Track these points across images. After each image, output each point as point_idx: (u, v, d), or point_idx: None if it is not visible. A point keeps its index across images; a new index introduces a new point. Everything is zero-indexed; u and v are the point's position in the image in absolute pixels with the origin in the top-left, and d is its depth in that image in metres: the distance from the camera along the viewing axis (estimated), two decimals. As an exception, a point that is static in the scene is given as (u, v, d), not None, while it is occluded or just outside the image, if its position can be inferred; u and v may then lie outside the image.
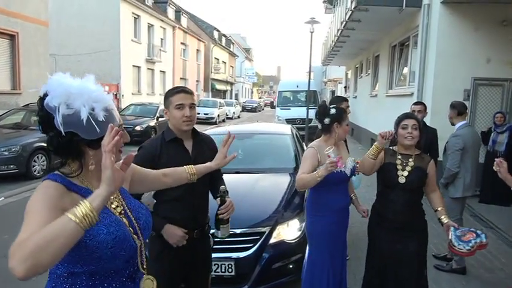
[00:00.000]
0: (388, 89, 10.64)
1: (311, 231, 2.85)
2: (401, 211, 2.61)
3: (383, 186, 2.71)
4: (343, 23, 10.04)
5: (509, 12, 6.57)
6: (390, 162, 2.65)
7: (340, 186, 2.76)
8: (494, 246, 4.77)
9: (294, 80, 19.56)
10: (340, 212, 2.77)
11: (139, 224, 1.37)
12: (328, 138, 2.77)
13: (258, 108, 42.08)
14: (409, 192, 2.62)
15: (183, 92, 2.22)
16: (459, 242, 2.35)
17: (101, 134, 1.20)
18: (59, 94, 1.19)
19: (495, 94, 6.88)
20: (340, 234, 2.84)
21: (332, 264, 2.76)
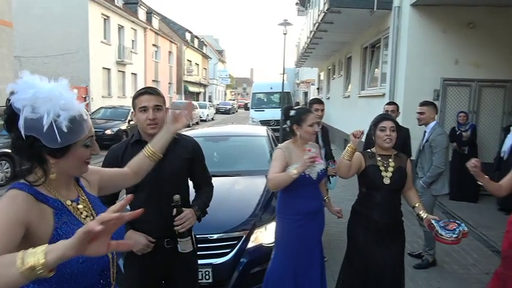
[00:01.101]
0: (360, 90, 10.81)
1: (278, 234, 2.81)
2: (387, 212, 2.63)
3: (367, 188, 2.69)
4: (315, 24, 10.12)
5: (475, 14, 6.79)
6: (372, 164, 2.65)
7: (308, 190, 2.70)
8: (466, 243, 4.87)
9: (268, 81, 19.61)
10: (309, 216, 2.70)
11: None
12: (295, 140, 2.77)
13: (232, 110, 41.99)
14: (393, 193, 2.65)
15: (146, 94, 2.12)
16: (446, 231, 2.41)
17: (63, 143, 1.14)
18: (25, 96, 1.11)
19: (463, 94, 7.10)
20: (310, 239, 2.74)
21: (297, 268, 2.70)
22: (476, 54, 6.90)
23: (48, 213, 1.17)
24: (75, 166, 1.23)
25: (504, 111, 7.09)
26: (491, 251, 4.66)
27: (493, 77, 6.95)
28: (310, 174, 2.65)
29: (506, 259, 2.43)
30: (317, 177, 2.70)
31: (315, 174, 2.69)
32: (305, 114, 2.73)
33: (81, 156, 1.23)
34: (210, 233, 3.10)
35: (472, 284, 3.74)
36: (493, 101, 7.10)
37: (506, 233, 2.45)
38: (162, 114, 2.12)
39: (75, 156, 1.21)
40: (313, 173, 2.68)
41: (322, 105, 4.20)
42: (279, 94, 16.77)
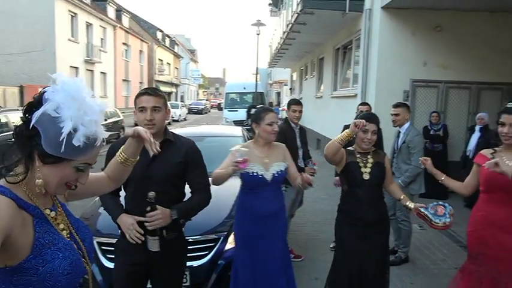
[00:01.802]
0: (332, 91, 10.97)
1: (236, 234, 2.81)
2: (370, 207, 2.68)
3: (349, 185, 2.73)
4: (289, 25, 10.19)
5: (442, 18, 7.03)
6: (352, 161, 2.69)
7: (263, 191, 2.67)
8: (436, 239, 5.05)
9: (241, 81, 19.61)
10: (264, 218, 2.68)
11: (85, 245, 1.24)
12: (256, 139, 2.78)
13: (205, 110, 41.66)
14: (374, 188, 2.70)
15: (146, 95, 2.14)
16: (438, 218, 2.49)
17: (62, 154, 1.05)
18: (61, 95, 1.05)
19: (431, 95, 7.34)
20: (268, 240, 2.71)
21: (258, 269, 2.70)
22: (444, 56, 7.16)
23: (28, 221, 1.09)
24: (55, 182, 1.12)
25: (469, 111, 7.39)
26: (459, 246, 4.82)
27: (459, 78, 7.24)
28: (264, 175, 2.64)
29: (478, 256, 2.50)
30: (272, 178, 2.67)
31: (270, 175, 2.66)
32: (264, 113, 2.73)
33: (66, 176, 1.12)
34: (187, 236, 3.05)
35: (443, 279, 3.86)
36: (459, 101, 7.39)
37: (472, 232, 2.53)
38: (161, 115, 2.14)
39: (61, 173, 1.10)
40: (268, 174, 2.66)
41: (300, 106, 4.23)
42: (252, 94, 16.82)
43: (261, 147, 2.76)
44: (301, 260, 4.31)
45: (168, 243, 2.16)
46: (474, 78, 7.23)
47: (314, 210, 6.02)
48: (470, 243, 2.58)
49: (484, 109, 6.98)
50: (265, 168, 2.68)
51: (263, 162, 2.70)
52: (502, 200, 2.37)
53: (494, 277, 2.38)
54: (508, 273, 2.34)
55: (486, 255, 2.43)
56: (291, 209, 4.39)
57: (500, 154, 2.42)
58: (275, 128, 2.71)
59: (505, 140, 2.36)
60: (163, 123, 2.19)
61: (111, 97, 27.97)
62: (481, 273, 2.45)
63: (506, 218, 2.35)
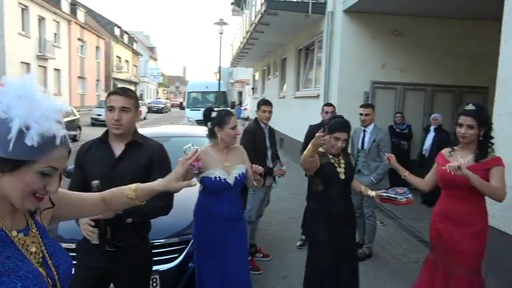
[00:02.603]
0: (295, 91, 11.15)
1: (196, 239, 2.78)
2: (343, 204, 2.79)
3: (325, 185, 2.78)
4: (252, 25, 10.23)
5: (400, 23, 7.35)
6: (327, 162, 2.75)
7: (226, 196, 2.66)
8: (396, 235, 5.28)
9: (203, 80, 19.44)
10: (225, 221, 2.67)
11: (58, 273, 1.10)
12: (215, 143, 2.74)
13: (165, 109, 40.88)
14: (347, 186, 2.83)
15: (115, 94, 2.09)
16: (399, 196, 2.67)
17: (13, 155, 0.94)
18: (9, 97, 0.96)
19: (389, 96, 7.65)
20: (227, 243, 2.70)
21: (220, 272, 2.69)
22: (401, 59, 7.49)
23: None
24: (18, 193, 0.99)
25: (424, 112, 7.78)
26: (418, 241, 5.07)
27: (416, 81, 7.60)
28: (226, 179, 2.62)
29: (435, 248, 2.69)
30: (235, 182, 2.65)
31: (232, 179, 2.64)
32: (227, 117, 2.70)
33: (29, 184, 0.99)
34: (154, 239, 2.99)
35: (404, 273, 4.05)
36: (415, 103, 7.76)
37: (432, 224, 2.70)
38: (129, 116, 2.09)
39: (22, 180, 0.98)
40: (230, 178, 2.64)
41: (270, 106, 4.26)
42: (215, 93, 16.72)
43: (220, 151, 2.72)
44: (269, 259, 4.34)
45: (131, 248, 2.10)
46: (429, 81, 7.62)
47: (280, 209, 6.10)
48: (430, 235, 2.76)
49: (438, 110, 7.38)
50: (227, 172, 2.65)
51: (224, 166, 2.65)
52: (457, 196, 2.52)
53: (446, 267, 2.55)
54: (457, 264, 2.50)
55: (441, 246, 2.60)
56: (259, 209, 4.42)
57: (457, 153, 2.59)
58: (238, 132, 2.71)
59: (461, 139, 2.51)
60: (131, 125, 2.13)
61: (66, 95, 26.73)
62: (437, 263, 2.62)
63: (458, 213, 2.52)
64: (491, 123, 2.52)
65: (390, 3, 6.74)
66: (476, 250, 2.50)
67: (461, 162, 2.30)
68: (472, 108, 2.46)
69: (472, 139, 2.47)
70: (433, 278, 2.60)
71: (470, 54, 7.36)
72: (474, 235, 2.48)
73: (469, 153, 2.51)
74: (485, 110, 2.54)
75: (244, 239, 2.90)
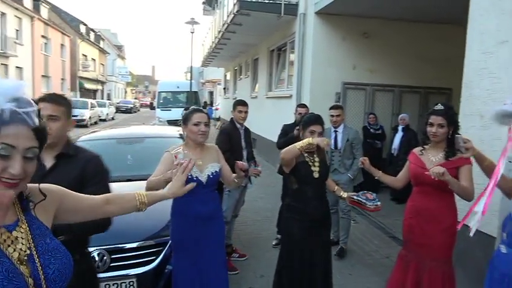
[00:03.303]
0: (267, 91, 11.21)
1: (172, 239, 2.77)
2: (318, 203, 2.83)
3: (300, 183, 2.82)
4: (224, 25, 10.21)
5: (369, 25, 7.56)
6: (302, 161, 2.79)
7: (199, 194, 2.63)
8: (368, 231, 5.43)
9: (174, 80, 19.18)
10: (200, 220, 2.67)
11: (46, 273, 1.05)
12: (187, 142, 2.77)
13: (134, 109, 40.06)
14: (322, 185, 2.86)
15: (43, 101, 1.89)
16: (369, 201, 2.74)
17: None
18: None
19: (360, 97, 7.85)
20: (204, 242, 2.71)
21: (198, 271, 2.70)
22: (371, 61, 7.70)
23: None
24: None
25: (393, 112, 8.04)
26: (389, 237, 5.24)
27: (384, 82, 7.84)
28: (198, 177, 2.62)
29: (407, 243, 2.79)
30: (207, 180, 2.66)
31: (205, 177, 2.65)
32: (191, 113, 2.71)
33: None
34: (128, 242, 2.95)
35: (377, 268, 4.18)
36: (384, 103, 8.00)
37: (404, 221, 2.80)
38: (58, 126, 1.91)
39: None
40: (203, 176, 2.64)
41: (246, 107, 4.28)
42: (186, 93, 16.56)
43: (193, 150, 2.72)
44: (245, 258, 4.37)
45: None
46: (397, 82, 7.88)
47: (254, 209, 6.13)
48: (403, 231, 2.85)
49: (406, 110, 7.65)
50: (200, 171, 2.65)
51: (197, 164, 2.64)
52: (428, 193, 2.63)
53: (419, 261, 2.65)
54: (430, 258, 2.61)
55: (413, 241, 2.70)
56: (235, 209, 4.43)
57: (428, 151, 2.70)
58: (202, 128, 2.66)
59: (433, 138, 2.63)
60: (61, 134, 1.97)
61: (29, 94, 25.56)
62: (409, 257, 2.72)
63: (430, 208, 2.62)
64: (458, 122, 2.64)
65: (359, 6, 6.92)
66: (447, 244, 2.62)
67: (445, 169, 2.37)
68: (442, 108, 2.58)
69: (443, 138, 2.59)
70: (406, 271, 2.70)
71: (435, 56, 7.66)
72: (445, 230, 2.59)
73: (440, 152, 2.63)
74: (453, 109, 2.66)
75: (221, 238, 2.90)
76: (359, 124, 7.53)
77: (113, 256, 2.85)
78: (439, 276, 2.59)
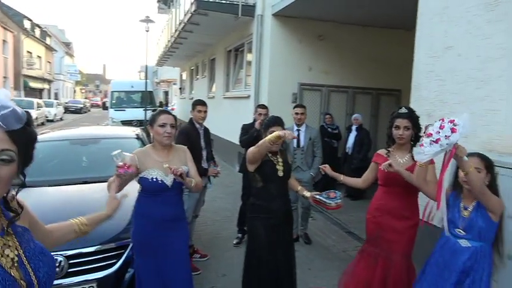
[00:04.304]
0: (225, 91, 11.21)
1: (134, 241, 2.75)
2: (282, 201, 2.90)
3: (265, 182, 2.86)
4: (181, 24, 10.08)
5: (324, 28, 7.80)
6: (267, 160, 2.84)
7: (164, 197, 2.64)
8: (325, 227, 5.61)
9: (128, 80, 18.62)
10: (164, 223, 2.65)
11: (37, 276, 1.08)
12: (154, 143, 2.75)
13: (84, 110, 38.38)
14: (285, 183, 2.94)
15: None
16: (330, 200, 2.83)
17: None
18: None
19: (316, 97, 8.08)
20: (168, 244, 2.70)
21: (161, 273, 2.69)
22: (326, 63, 7.96)
23: None
24: None
25: (347, 112, 8.35)
26: (345, 232, 5.45)
27: (339, 83, 8.13)
28: (164, 180, 2.61)
29: (375, 240, 2.90)
30: (173, 183, 2.64)
31: (170, 180, 2.63)
32: (158, 115, 2.71)
33: None
34: (86, 246, 2.86)
35: (335, 262, 4.34)
36: (339, 104, 8.29)
37: (372, 218, 2.94)
38: None
39: None
40: (168, 180, 2.63)
41: (205, 106, 4.27)
42: (141, 93, 16.15)
43: (160, 151, 2.69)
44: (207, 258, 4.36)
45: None
46: (350, 84, 8.21)
47: (214, 209, 6.12)
48: (369, 228, 2.97)
49: (359, 111, 7.97)
50: (165, 173, 2.62)
51: (162, 167, 2.62)
52: (396, 193, 2.79)
53: (387, 256, 2.81)
54: (398, 252, 2.78)
55: (382, 237, 2.84)
56: (195, 210, 4.41)
57: (394, 153, 2.84)
58: (167, 130, 2.64)
59: (399, 140, 2.77)
60: None
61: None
62: (377, 253, 2.86)
63: (398, 207, 2.79)
64: (420, 125, 2.78)
65: (314, 10, 7.12)
66: (411, 240, 2.80)
67: (391, 161, 2.53)
68: (406, 111, 2.74)
69: (408, 140, 2.75)
70: (373, 266, 2.84)
71: (386, 59, 8.06)
72: (412, 226, 2.78)
73: (406, 153, 2.78)
74: (415, 112, 2.80)
75: (185, 239, 2.88)
76: (315, 124, 7.72)
77: (71, 261, 2.75)
78: (405, 271, 2.77)
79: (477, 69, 3.20)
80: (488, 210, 2.21)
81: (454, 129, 2.02)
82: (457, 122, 2.03)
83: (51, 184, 3.75)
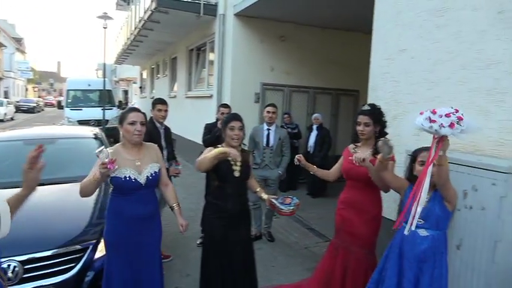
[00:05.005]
0: (187, 91, 11.10)
1: (107, 240, 2.71)
2: (238, 201, 2.92)
3: (220, 181, 2.88)
4: (141, 22, 9.86)
5: (285, 29, 7.92)
6: (224, 160, 2.82)
7: (136, 195, 2.63)
8: (288, 225, 5.71)
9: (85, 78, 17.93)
10: (137, 221, 2.64)
11: None
12: (124, 142, 2.73)
13: (37, 109, 36.56)
14: (242, 184, 2.95)
15: None
16: (284, 206, 2.87)
17: None
18: None
19: (278, 97, 8.18)
20: (141, 243, 2.69)
21: (133, 272, 2.67)
22: (287, 63, 8.09)
23: None
24: None
25: (308, 112, 8.52)
26: (306, 228, 5.58)
27: (300, 83, 8.29)
28: (137, 178, 2.60)
29: (339, 232, 3.03)
30: (146, 181, 2.64)
31: (143, 178, 2.63)
32: (127, 113, 2.70)
33: None
34: (42, 250, 2.77)
35: (297, 259, 4.44)
36: (300, 103, 8.46)
37: (337, 211, 3.05)
38: None
39: None
40: (141, 178, 2.62)
41: (165, 105, 4.23)
42: (99, 92, 15.61)
43: (131, 150, 2.67)
44: (170, 259, 4.32)
45: None
46: (311, 84, 8.39)
47: (177, 209, 6.04)
48: (335, 220, 3.08)
49: (319, 110, 8.17)
50: (138, 172, 2.61)
51: (135, 165, 2.62)
52: (359, 187, 2.90)
53: (347, 247, 2.93)
54: (357, 245, 2.90)
55: (343, 230, 2.96)
56: (158, 210, 4.35)
57: (359, 149, 2.96)
58: (137, 128, 2.61)
59: (361, 136, 2.89)
60: None
61: None
62: (338, 244, 2.98)
63: (360, 201, 2.90)
64: (384, 121, 2.90)
65: (275, 10, 7.22)
66: (372, 233, 2.92)
67: (366, 155, 2.63)
68: (368, 108, 2.86)
69: (370, 135, 2.86)
70: (335, 257, 2.96)
71: (345, 61, 8.32)
72: (371, 220, 2.90)
73: (369, 149, 2.89)
74: (379, 109, 2.92)
75: (158, 238, 2.86)
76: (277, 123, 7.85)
77: (26, 266, 2.65)
78: (364, 263, 2.89)
79: (428, 71, 3.39)
80: (446, 200, 2.35)
81: (452, 125, 2.01)
82: (462, 123, 2.01)
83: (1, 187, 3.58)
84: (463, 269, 2.59)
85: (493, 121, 2.83)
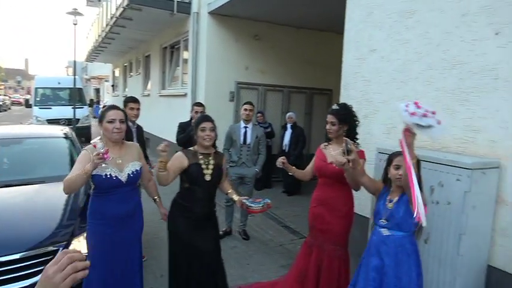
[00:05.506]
0: (161, 89, 10.96)
1: (90, 242, 2.69)
2: (207, 204, 2.91)
3: (190, 184, 2.84)
4: (113, 19, 9.65)
5: (259, 28, 7.96)
6: (195, 163, 2.81)
7: (118, 193, 2.63)
8: (263, 222, 5.74)
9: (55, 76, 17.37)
10: (119, 220, 2.64)
11: None
12: (105, 140, 2.72)
13: (4, 107, 35.18)
14: (212, 187, 2.93)
15: None
16: (254, 204, 2.89)
17: None
18: None
19: (253, 96, 8.19)
20: (124, 243, 2.69)
21: (112, 271, 2.67)
22: (262, 62, 8.12)
23: None
24: None
25: (282, 111, 8.59)
26: (281, 226, 5.63)
27: (274, 82, 8.34)
28: (118, 176, 2.59)
29: (312, 229, 3.07)
30: (127, 179, 2.64)
31: (125, 176, 2.62)
32: (106, 111, 2.69)
33: None
34: (8, 254, 2.69)
35: (272, 256, 4.47)
36: (275, 102, 8.51)
37: (311, 208, 3.09)
38: None
39: None
40: (123, 176, 2.61)
41: (137, 104, 4.18)
42: (69, 90, 15.18)
43: (111, 148, 2.63)
44: (144, 260, 4.25)
45: None
46: (286, 83, 8.46)
47: (150, 210, 5.85)
48: (308, 218, 3.12)
49: (294, 109, 8.25)
50: (119, 169, 2.61)
51: (116, 163, 2.61)
52: (330, 184, 2.95)
53: (320, 245, 2.97)
54: (330, 242, 2.95)
55: (316, 227, 3.00)
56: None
57: (330, 146, 3.00)
58: (117, 126, 2.61)
59: (329, 134, 2.93)
60: None
61: None
62: (312, 242, 3.02)
63: (331, 198, 2.95)
64: (354, 120, 2.91)
65: (249, 9, 7.23)
66: (344, 230, 2.96)
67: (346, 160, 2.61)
68: (335, 108, 2.90)
69: (337, 134, 2.88)
70: (309, 255, 2.99)
71: (318, 60, 8.43)
72: (343, 217, 2.94)
73: (339, 147, 2.93)
74: (347, 109, 2.92)
75: (139, 235, 2.85)
76: (252, 123, 7.88)
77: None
78: (336, 260, 2.94)
79: (398, 71, 3.50)
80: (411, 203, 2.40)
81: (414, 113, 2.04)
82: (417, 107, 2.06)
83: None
84: (430, 261, 2.69)
85: (458, 120, 2.96)
